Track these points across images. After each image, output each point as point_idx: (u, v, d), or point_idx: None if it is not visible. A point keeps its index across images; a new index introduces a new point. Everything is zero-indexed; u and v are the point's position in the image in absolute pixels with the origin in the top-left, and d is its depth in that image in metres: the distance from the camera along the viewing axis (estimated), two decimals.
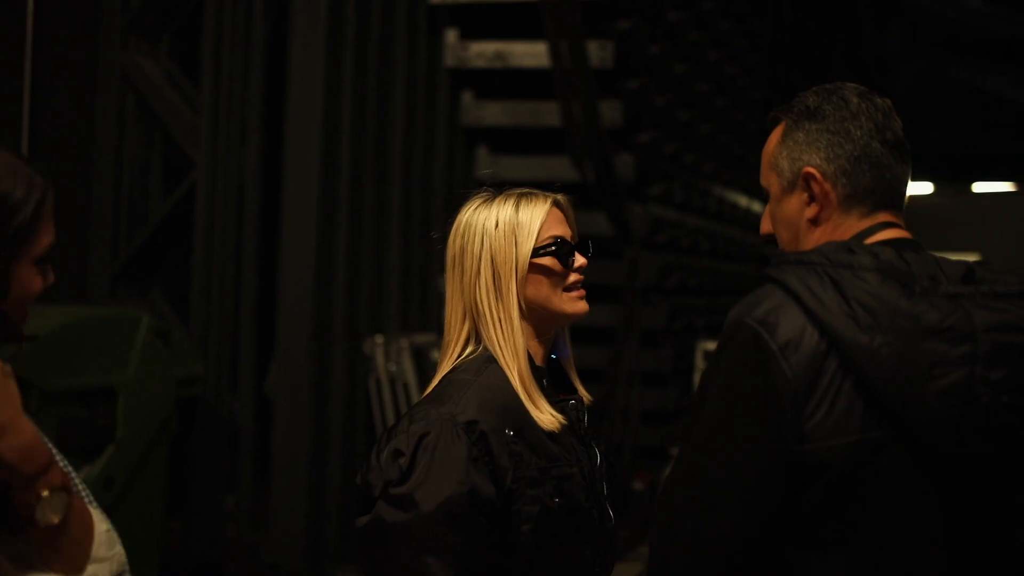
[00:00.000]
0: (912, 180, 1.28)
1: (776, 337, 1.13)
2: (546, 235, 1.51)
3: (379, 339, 4.27)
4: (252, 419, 4.20)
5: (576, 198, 1.61)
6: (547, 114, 5.01)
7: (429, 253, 4.83)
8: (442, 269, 1.57)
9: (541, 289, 1.51)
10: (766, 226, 1.33)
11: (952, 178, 14.21)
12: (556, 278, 1.51)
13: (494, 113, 5.21)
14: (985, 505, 1.17)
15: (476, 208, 1.55)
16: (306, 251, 4.05)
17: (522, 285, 1.51)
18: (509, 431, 1.41)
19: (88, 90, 4.28)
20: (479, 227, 1.52)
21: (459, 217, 1.55)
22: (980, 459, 1.14)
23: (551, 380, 1.54)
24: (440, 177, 5.07)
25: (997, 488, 1.17)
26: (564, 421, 1.46)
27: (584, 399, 1.58)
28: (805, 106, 1.27)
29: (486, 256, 1.51)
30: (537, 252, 1.50)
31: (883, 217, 1.25)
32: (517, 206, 1.52)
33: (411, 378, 4.26)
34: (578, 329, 1.69)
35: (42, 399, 3.05)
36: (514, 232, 1.50)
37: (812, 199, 1.25)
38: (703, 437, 1.17)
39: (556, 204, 1.55)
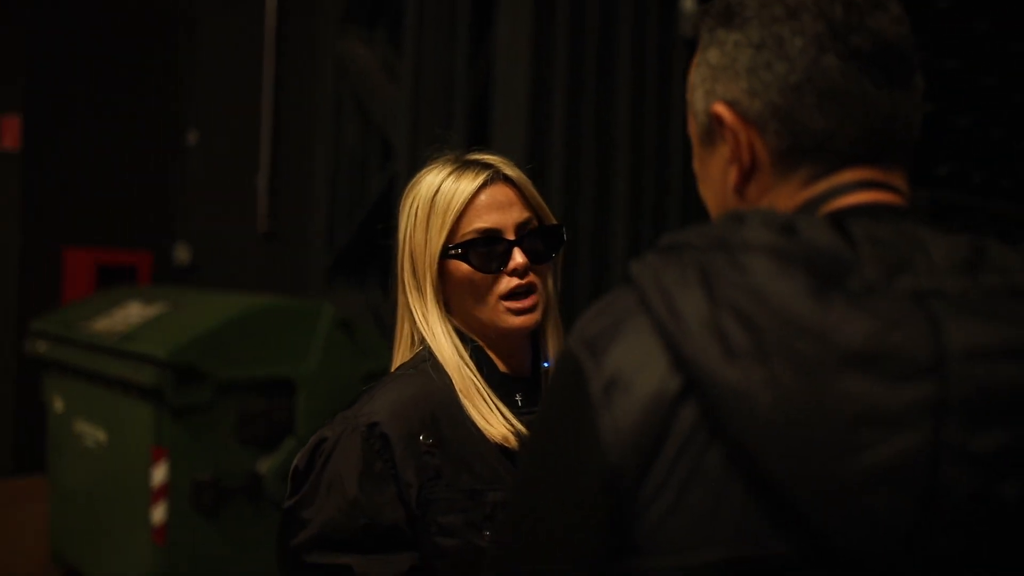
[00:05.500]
0: None
1: (601, 370, 0.65)
2: (468, 228, 1.16)
3: None
4: None
5: None
6: None
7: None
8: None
9: (462, 296, 1.18)
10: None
11: None
12: (478, 285, 1.16)
13: None
14: None
15: (421, 174, 1.22)
16: None
17: (439, 284, 1.18)
18: (427, 438, 1.09)
19: (309, 81, 4.31)
20: (407, 203, 1.21)
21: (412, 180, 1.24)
22: None
23: (530, 391, 1.20)
24: (676, 157, 4.62)
25: None
26: (521, 434, 1.12)
27: None
28: (725, 3, 0.76)
29: (406, 241, 1.20)
30: (447, 251, 1.16)
31: (853, 175, 0.72)
32: (443, 182, 1.18)
33: None
34: None
35: (217, 390, 3.04)
36: (427, 220, 1.17)
37: (733, 156, 0.75)
38: (512, 525, 0.72)
39: (500, 180, 1.19)
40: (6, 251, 4.15)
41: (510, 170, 1.22)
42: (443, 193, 1.18)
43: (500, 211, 1.19)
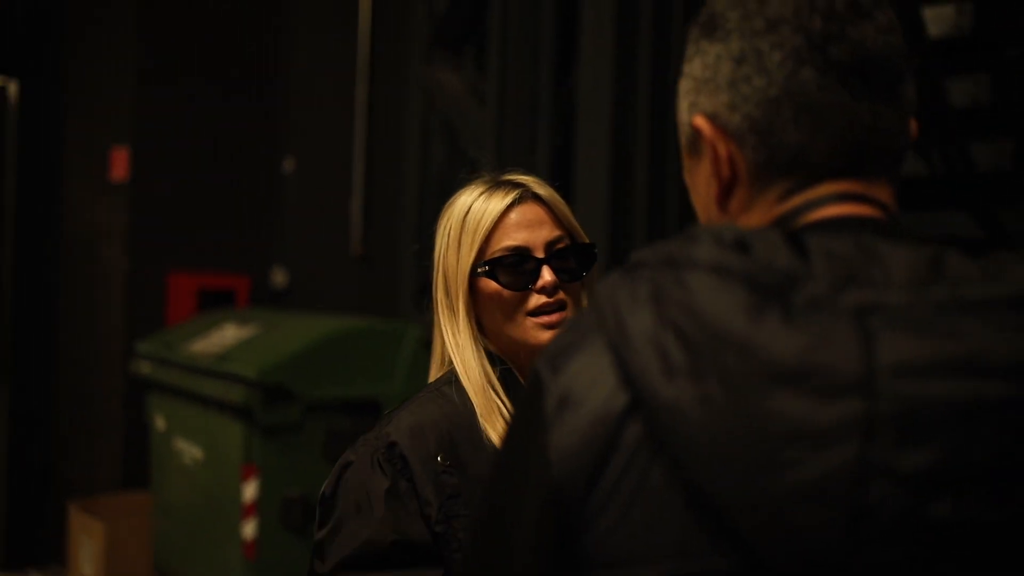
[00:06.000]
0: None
1: (556, 387, 0.67)
2: (497, 246, 1.18)
3: None
4: None
5: (930, 195, 1.20)
6: None
7: None
8: None
9: (493, 314, 1.19)
10: None
11: None
12: (507, 303, 1.18)
13: None
14: None
15: (456, 195, 1.27)
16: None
17: (471, 303, 1.20)
18: (443, 458, 1.12)
19: (399, 107, 4.42)
20: (441, 223, 1.25)
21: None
22: None
23: None
24: None
25: None
26: None
27: None
28: (709, 14, 0.76)
29: (440, 261, 1.23)
30: (476, 270, 1.18)
31: (830, 188, 0.71)
32: (474, 201, 1.21)
33: None
34: None
35: (305, 409, 3.13)
36: (459, 239, 1.20)
37: (714, 169, 0.75)
38: (472, 537, 0.75)
39: (530, 199, 1.21)
40: (115, 276, 4.37)
41: (541, 189, 1.24)
42: (473, 212, 1.21)
43: (529, 229, 1.20)
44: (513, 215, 1.20)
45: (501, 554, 0.68)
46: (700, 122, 0.74)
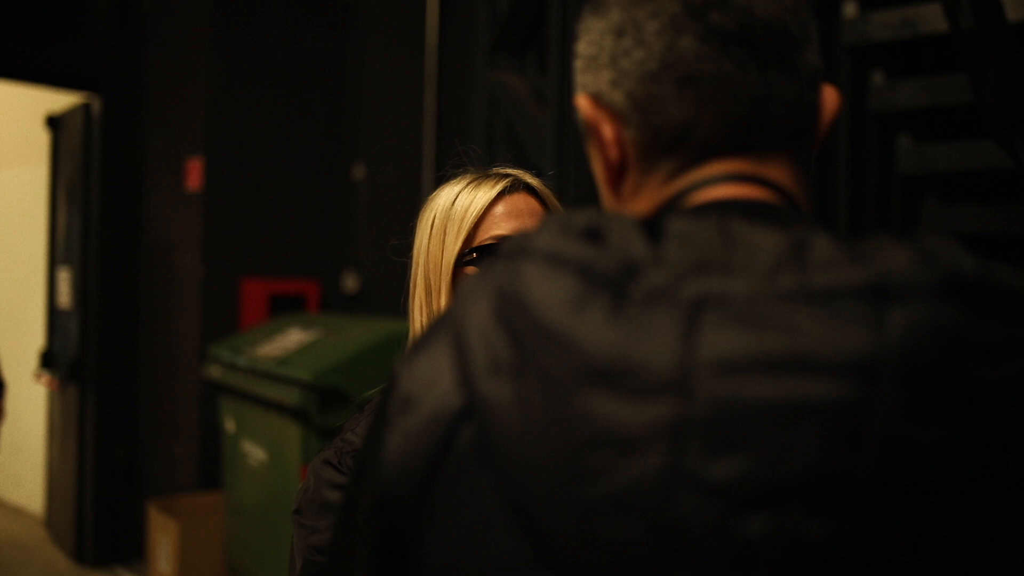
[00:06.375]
0: None
1: (403, 383, 0.62)
2: (485, 236, 1.13)
3: None
4: None
5: (1015, 188, 1.14)
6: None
7: None
8: None
9: None
10: None
11: None
12: None
13: (910, 92, 4.39)
14: None
15: (440, 188, 1.22)
16: None
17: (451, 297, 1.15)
18: None
19: (465, 112, 4.44)
20: (424, 216, 1.20)
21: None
22: None
23: None
24: (842, 173, 4.40)
25: None
26: None
27: None
28: None
29: (421, 255, 1.18)
30: (461, 259, 1.13)
31: (715, 168, 0.64)
32: (461, 192, 1.16)
33: None
34: None
35: (358, 411, 3.16)
36: (444, 228, 1.15)
37: (600, 152, 0.69)
38: (331, 539, 0.71)
39: (521, 189, 1.16)
40: (191, 283, 4.50)
41: (532, 180, 1.20)
42: (460, 201, 1.16)
43: (519, 220, 1.16)
44: (502, 205, 1.15)
45: (343, 555, 0.66)
46: (580, 102, 0.68)
